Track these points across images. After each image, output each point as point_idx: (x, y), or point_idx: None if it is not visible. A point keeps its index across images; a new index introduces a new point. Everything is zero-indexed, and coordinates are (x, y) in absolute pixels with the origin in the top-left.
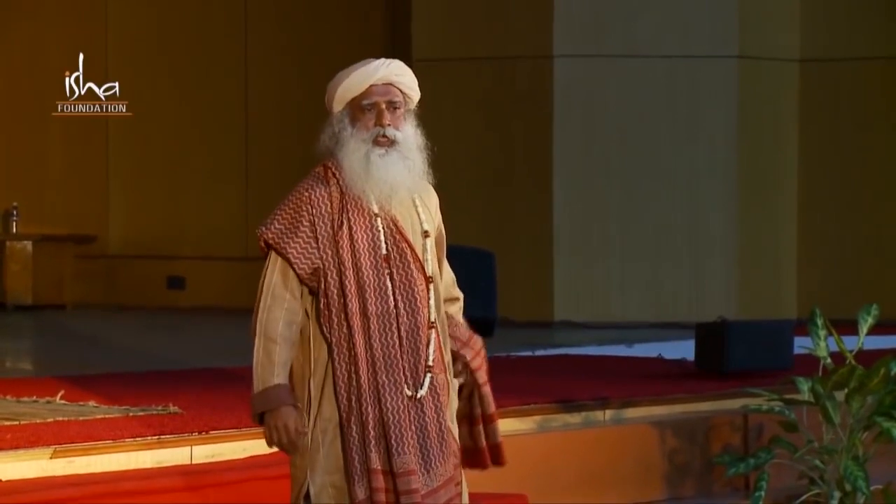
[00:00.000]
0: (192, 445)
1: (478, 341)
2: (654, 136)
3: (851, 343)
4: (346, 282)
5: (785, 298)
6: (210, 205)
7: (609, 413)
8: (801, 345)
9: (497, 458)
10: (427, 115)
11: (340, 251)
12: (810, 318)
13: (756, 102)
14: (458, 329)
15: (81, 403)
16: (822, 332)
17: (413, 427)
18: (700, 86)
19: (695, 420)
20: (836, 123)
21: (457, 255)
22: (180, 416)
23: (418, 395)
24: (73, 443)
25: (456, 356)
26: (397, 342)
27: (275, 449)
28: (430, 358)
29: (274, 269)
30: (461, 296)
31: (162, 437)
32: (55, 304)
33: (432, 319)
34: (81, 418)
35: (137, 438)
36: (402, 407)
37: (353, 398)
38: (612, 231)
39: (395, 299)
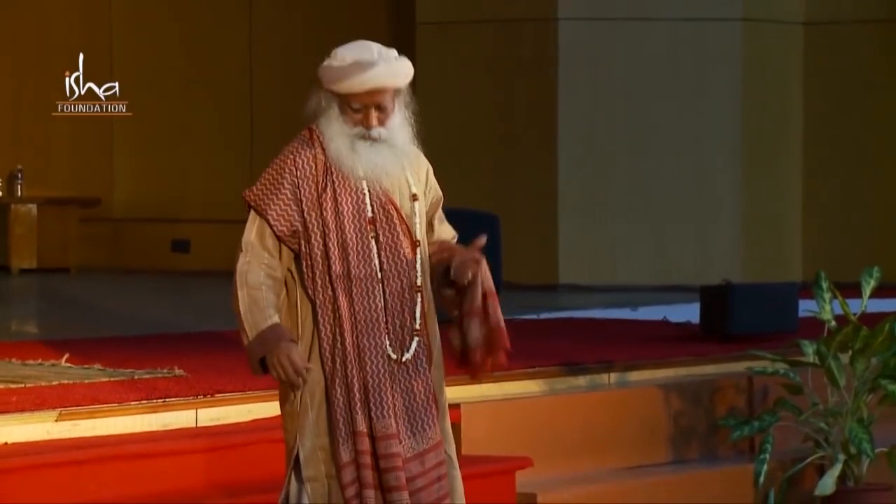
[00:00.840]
0: (197, 408)
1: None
2: (658, 100)
3: (856, 306)
4: (330, 244)
5: (790, 261)
6: (215, 168)
7: (614, 376)
8: (805, 308)
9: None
10: (432, 79)
11: (324, 213)
12: (815, 280)
13: (761, 65)
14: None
15: (86, 366)
16: (827, 295)
17: (398, 390)
18: (705, 49)
19: (699, 383)
20: (841, 86)
21: (461, 219)
22: (185, 378)
23: (404, 359)
24: (78, 406)
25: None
26: (381, 305)
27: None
28: (417, 322)
29: (252, 228)
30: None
31: (167, 399)
32: (60, 268)
33: (419, 283)
34: (86, 381)
35: (143, 401)
36: (383, 370)
37: (338, 360)
38: (617, 194)
39: (379, 262)
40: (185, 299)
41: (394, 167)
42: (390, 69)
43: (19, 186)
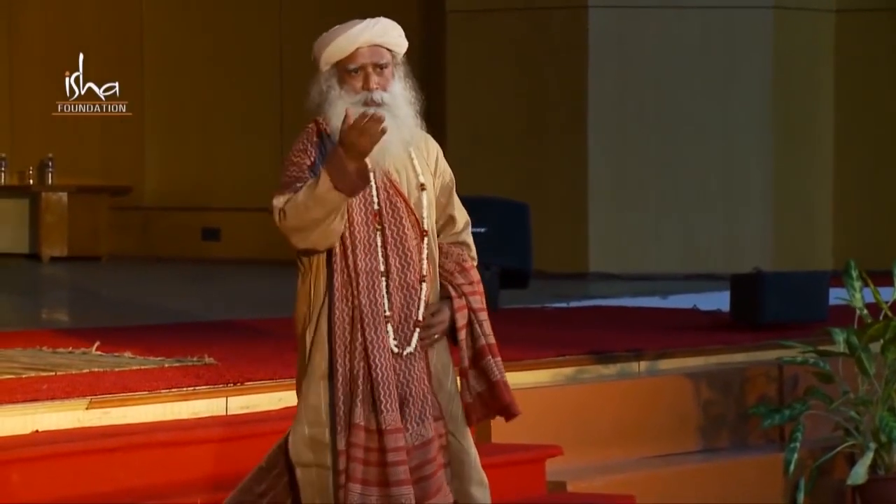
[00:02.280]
0: (227, 396)
1: (475, 273)
2: (689, 87)
3: (887, 294)
4: (343, 237)
5: (820, 249)
6: (245, 156)
7: (643, 364)
8: (836, 296)
9: (499, 401)
10: (462, 67)
11: None
12: (845, 269)
13: (792, 53)
14: (454, 260)
15: (117, 354)
16: (858, 284)
17: (401, 383)
18: (736, 36)
19: (730, 371)
20: (873, 74)
21: (491, 207)
22: (215, 367)
23: (404, 353)
24: (108, 394)
25: (446, 281)
26: (385, 299)
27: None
28: (420, 313)
29: (281, 195)
30: (471, 243)
31: (197, 388)
32: (90, 256)
33: (424, 273)
34: (117, 369)
35: (173, 389)
36: (387, 364)
37: (341, 352)
38: (647, 182)
39: (384, 256)
40: (215, 287)
41: (397, 142)
42: (379, 24)
43: (50, 175)
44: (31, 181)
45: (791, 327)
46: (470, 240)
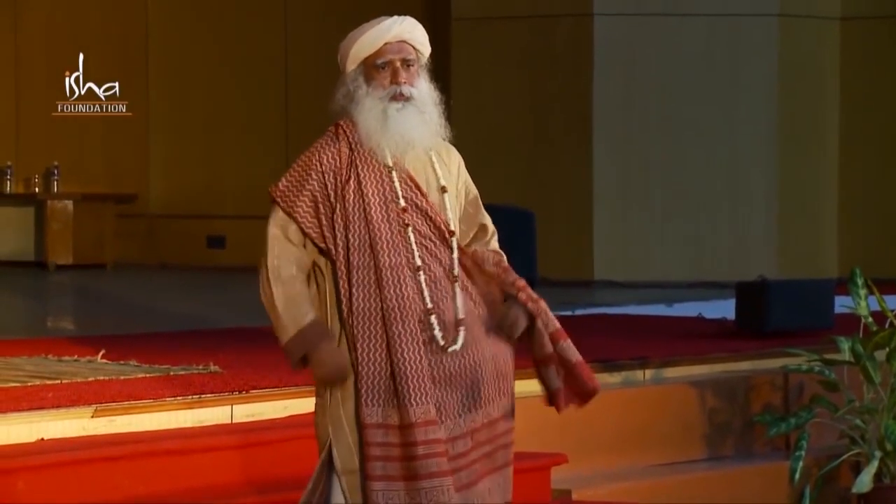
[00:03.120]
0: (232, 405)
1: (514, 273)
2: (694, 95)
3: (892, 302)
4: (355, 235)
5: (826, 257)
6: (250, 163)
7: (649, 372)
8: (841, 304)
9: (580, 381)
10: (467, 75)
11: (347, 205)
12: (851, 277)
13: (797, 60)
14: (494, 262)
15: (122, 363)
16: (863, 292)
17: (441, 376)
18: (741, 44)
19: (735, 379)
20: (877, 81)
21: (496, 215)
22: (220, 375)
23: (451, 349)
24: (113, 402)
25: (496, 282)
26: (414, 294)
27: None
28: (460, 311)
29: (275, 223)
30: (500, 252)
31: (202, 396)
32: (96, 264)
33: (455, 273)
34: (122, 377)
35: (178, 398)
36: (418, 358)
37: (365, 351)
38: (653, 190)
39: (411, 251)
40: (220, 295)
41: (421, 137)
42: (407, 21)
43: (55, 183)
44: (37, 189)
45: (796, 335)
46: (498, 247)
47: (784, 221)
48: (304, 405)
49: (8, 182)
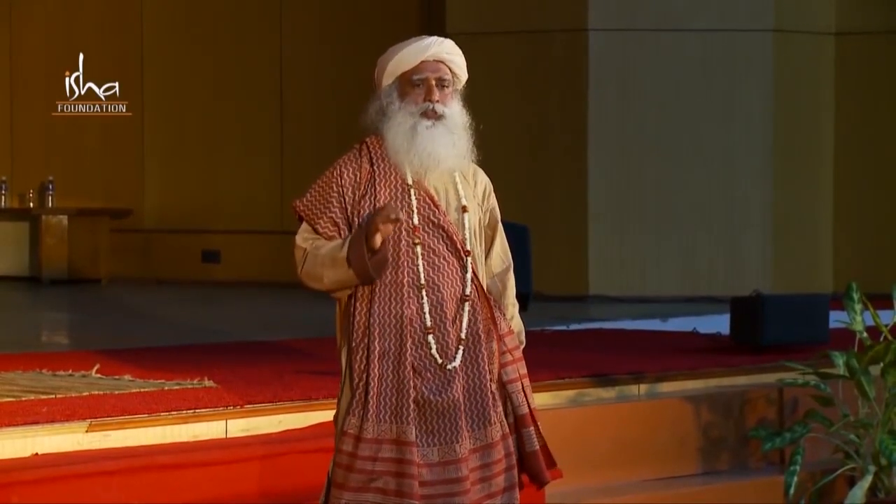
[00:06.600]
0: (227, 419)
1: (514, 338)
2: (689, 110)
3: (887, 317)
4: None
5: (821, 272)
6: (245, 178)
7: (644, 387)
8: (836, 319)
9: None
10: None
11: (360, 220)
12: (846, 292)
13: (791, 76)
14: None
15: (117, 377)
16: (858, 307)
17: (430, 395)
18: (736, 59)
19: (730, 394)
20: (873, 97)
21: None
22: (215, 389)
23: (448, 367)
24: (108, 416)
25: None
26: (414, 312)
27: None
28: (464, 332)
29: (303, 238)
30: (511, 289)
31: (197, 410)
32: (91, 278)
33: (467, 293)
34: (117, 392)
35: (173, 412)
36: (396, 376)
37: (355, 363)
38: (648, 205)
39: (415, 269)
40: (215, 310)
41: (447, 156)
42: (447, 42)
43: (50, 197)
44: (32, 204)
45: (791, 350)
46: (511, 283)
47: (779, 236)
48: (300, 420)
49: (3, 197)
